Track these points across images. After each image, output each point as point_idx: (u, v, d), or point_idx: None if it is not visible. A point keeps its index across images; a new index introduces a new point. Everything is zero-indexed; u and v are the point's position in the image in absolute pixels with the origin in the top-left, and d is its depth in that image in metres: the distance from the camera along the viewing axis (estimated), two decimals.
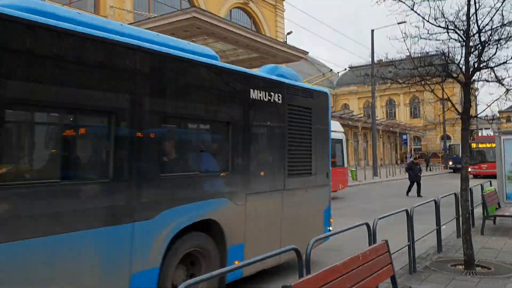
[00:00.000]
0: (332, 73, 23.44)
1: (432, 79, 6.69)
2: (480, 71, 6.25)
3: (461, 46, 6.27)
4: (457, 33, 6.28)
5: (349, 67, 69.90)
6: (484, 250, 7.55)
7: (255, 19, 28.32)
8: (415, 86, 7.14)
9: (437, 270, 6.30)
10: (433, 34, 6.36)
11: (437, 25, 6.31)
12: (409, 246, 6.14)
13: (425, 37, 6.43)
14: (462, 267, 6.49)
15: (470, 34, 6.25)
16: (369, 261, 3.71)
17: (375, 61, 33.21)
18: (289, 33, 32.39)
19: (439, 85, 6.53)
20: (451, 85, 7.71)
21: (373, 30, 31.42)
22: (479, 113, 6.61)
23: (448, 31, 6.24)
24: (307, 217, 6.68)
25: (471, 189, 8.87)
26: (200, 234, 4.83)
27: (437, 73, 6.54)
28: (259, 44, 20.84)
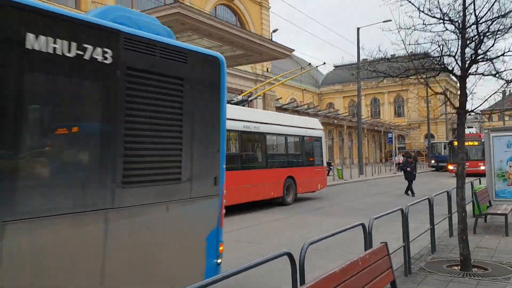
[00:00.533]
0: (310, 67, 23.09)
1: (426, 73, 6.43)
2: (477, 64, 6.00)
3: (457, 38, 6.00)
4: (453, 24, 6.01)
5: (334, 66, 70.12)
6: (478, 249, 7.32)
7: (240, 16, 27.95)
8: (407, 80, 6.89)
9: (433, 271, 6.03)
10: (428, 25, 6.08)
11: (431, 15, 6.04)
12: (404, 247, 5.86)
13: (419, 28, 6.15)
14: (458, 267, 6.24)
15: (466, 25, 6.00)
16: (369, 266, 3.40)
17: (360, 59, 33.16)
18: (274, 31, 32.10)
19: (434, 78, 6.26)
20: (442, 80, 7.47)
21: (358, 28, 31.37)
22: (475, 107, 6.32)
23: (444, 22, 5.98)
24: (170, 251, 4.32)
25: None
26: None
27: (431, 66, 6.29)
28: (245, 41, 20.50)
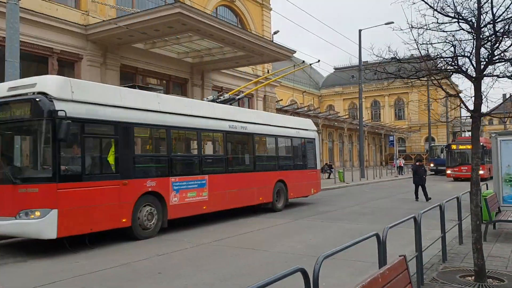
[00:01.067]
0: (304, 64, 22.44)
1: (439, 74, 6.16)
2: (494, 65, 5.73)
3: (472, 38, 5.73)
4: (467, 23, 5.74)
5: (334, 68, 69.90)
6: (491, 259, 7.04)
7: (241, 17, 27.68)
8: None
9: (446, 282, 5.75)
10: (442, 23, 5.81)
11: (446, 14, 5.77)
12: (417, 256, 5.56)
13: (433, 27, 5.88)
14: (472, 278, 5.96)
15: (481, 24, 5.73)
16: (389, 282, 3.11)
17: (362, 60, 32.95)
18: (275, 33, 31.86)
19: (448, 80, 5.98)
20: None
21: (360, 30, 31.14)
22: (490, 111, 6.05)
23: (458, 21, 5.70)
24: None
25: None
26: None
27: (444, 67, 6.02)
28: (246, 42, 20.22)
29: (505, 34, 5.49)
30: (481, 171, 33.26)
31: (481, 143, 30.60)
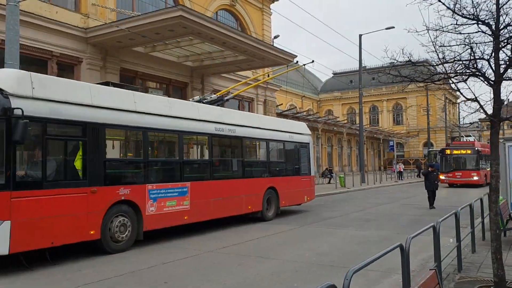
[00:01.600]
0: (297, 65, 21.75)
1: (455, 77, 5.97)
2: None
3: (492, 40, 5.55)
4: (486, 25, 5.56)
5: (332, 73, 69.88)
6: (508, 268, 6.80)
7: (241, 21, 27.54)
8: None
9: None
10: (460, 25, 5.63)
11: (464, 15, 5.59)
12: (436, 267, 5.33)
13: (450, 29, 5.70)
14: None
15: (500, 26, 5.56)
16: None
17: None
18: (276, 37, 31.74)
19: (465, 83, 5.80)
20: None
21: (361, 35, 31.06)
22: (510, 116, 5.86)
23: (478, 22, 5.53)
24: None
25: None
26: None
27: (462, 70, 5.83)
28: (247, 46, 20.04)
29: None
30: (475, 177, 32.68)
31: (476, 148, 30.11)
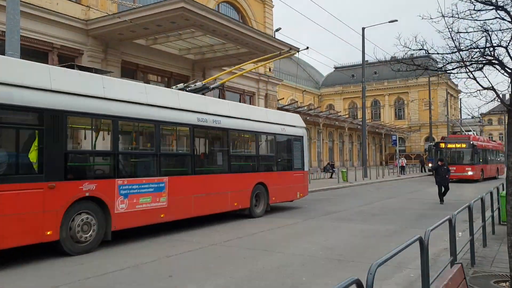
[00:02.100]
0: (291, 52, 20.88)
1: (470, 66, 5.78)
2: None
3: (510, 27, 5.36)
4: (505, 10, 5.36)
5: (334, 67, 69.64)
6: None
7: (243, 14, 27.28)
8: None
9: None
10: (478, 11, 5.43)
11: (482, 1, 5.39)
12: (451, 262, 5.18)
13: (467, 15, 5.50)
14: (506, 284, 5.60)
15: None
16: None
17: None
18: (277, 30, 31.42)
19: (481, 71, 5.61)
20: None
21: (363, 28, 30.79)
22: None
23: (497, 8, 5.32)
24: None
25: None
26: None
27: (478, 59, 5.64)
28: (249, 38, 19.82)
29: None
30: (470, 172, 32.02)
31: (471, 142, 29.47)
